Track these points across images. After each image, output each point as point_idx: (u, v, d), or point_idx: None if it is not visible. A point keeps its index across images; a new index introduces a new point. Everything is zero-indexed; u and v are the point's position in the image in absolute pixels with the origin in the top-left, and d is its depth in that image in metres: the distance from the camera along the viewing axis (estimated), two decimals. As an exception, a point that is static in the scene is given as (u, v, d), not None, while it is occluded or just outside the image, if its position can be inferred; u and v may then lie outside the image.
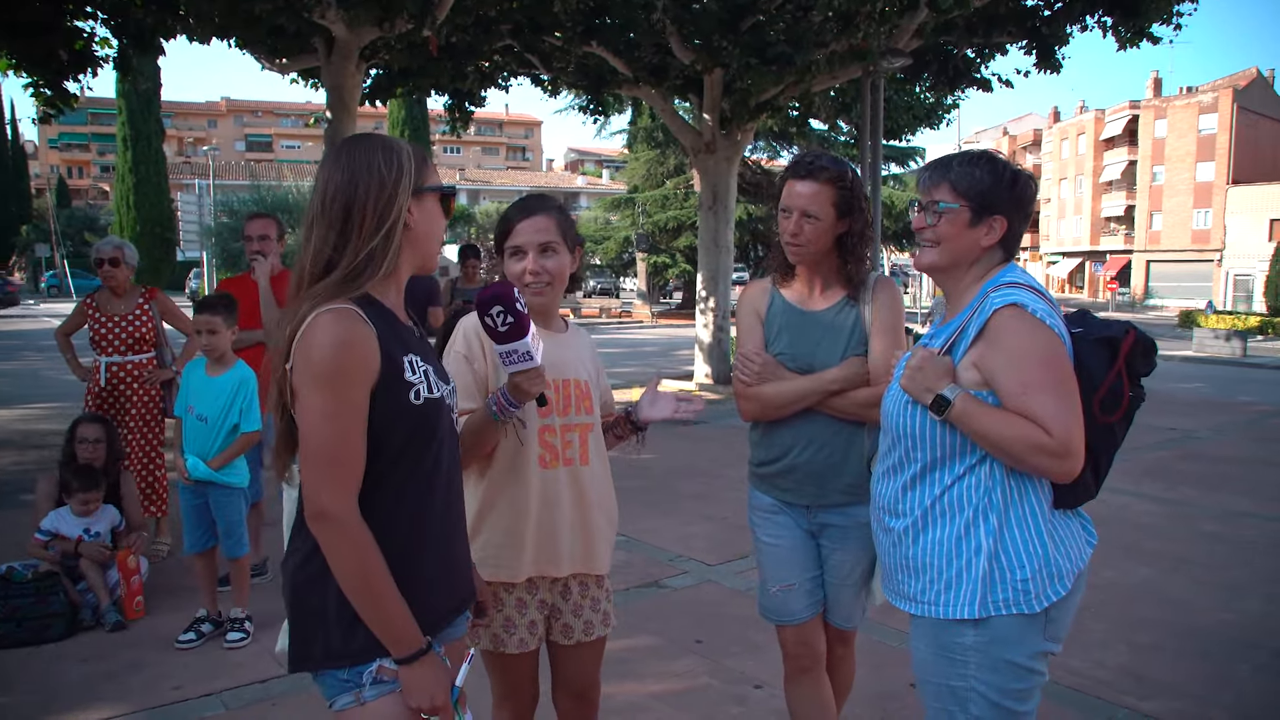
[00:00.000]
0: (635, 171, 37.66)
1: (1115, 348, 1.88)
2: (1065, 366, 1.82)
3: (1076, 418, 1.80)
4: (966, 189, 1.96)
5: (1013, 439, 1.79)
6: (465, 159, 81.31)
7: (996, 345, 1.85)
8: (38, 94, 10.04)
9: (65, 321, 5.31)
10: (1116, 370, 1.87)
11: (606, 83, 13.02)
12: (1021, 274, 1.96)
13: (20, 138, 58.26)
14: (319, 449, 1.54)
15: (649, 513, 6.19)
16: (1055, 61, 12.12)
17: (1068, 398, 1.80)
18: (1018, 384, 1.81)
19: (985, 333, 1.87)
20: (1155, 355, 1.97)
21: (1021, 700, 1.89)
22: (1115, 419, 1.87)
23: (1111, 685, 3.62)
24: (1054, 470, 1.81)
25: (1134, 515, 6.20)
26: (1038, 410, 1.78)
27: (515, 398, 2.00)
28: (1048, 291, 1.95)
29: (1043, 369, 1.80)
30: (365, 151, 1.66)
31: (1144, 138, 50.36)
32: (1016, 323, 1.83)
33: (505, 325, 1.85)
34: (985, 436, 1.83)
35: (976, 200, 1.95)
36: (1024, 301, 1.84)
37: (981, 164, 1.98)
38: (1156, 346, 1.97)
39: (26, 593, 4.03)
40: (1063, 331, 1.85)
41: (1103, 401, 1.86)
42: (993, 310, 1.86)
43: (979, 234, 1.96)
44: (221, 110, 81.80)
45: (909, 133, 16.51)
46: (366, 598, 1.55)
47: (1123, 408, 1.87)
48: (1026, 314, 1.82)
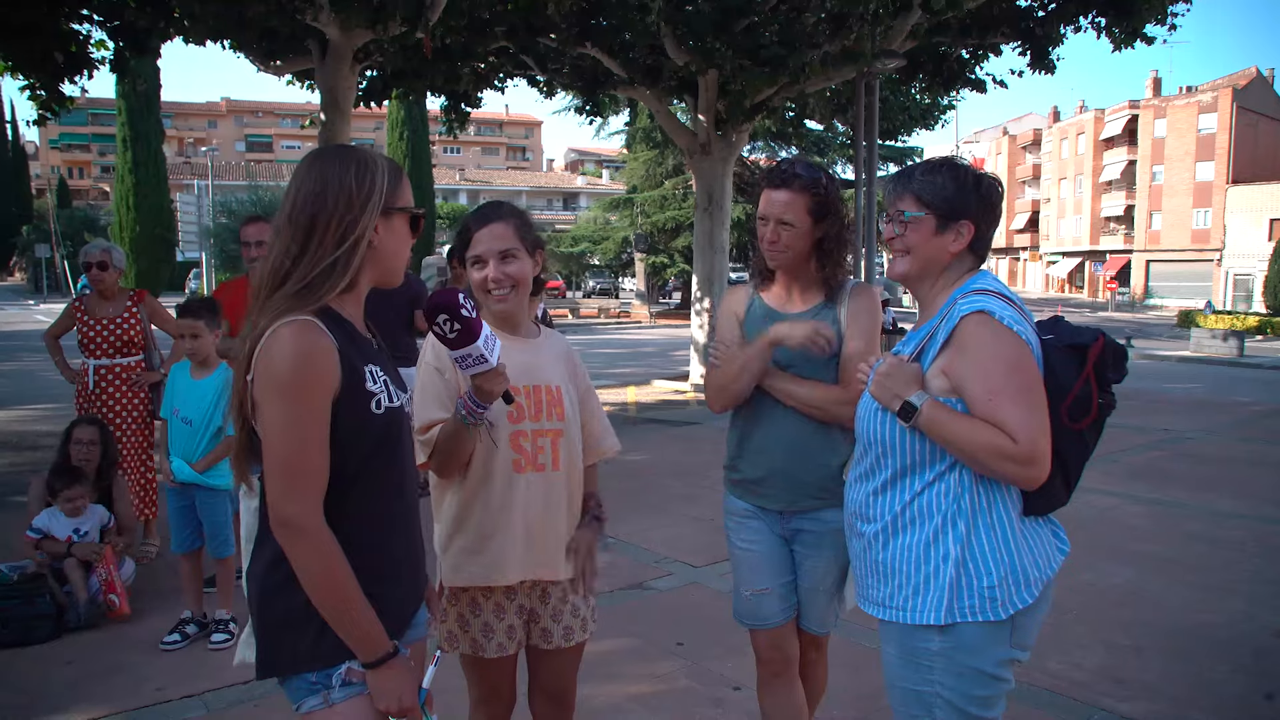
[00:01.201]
0: (634, 172, 37.69)
1: (1084, 354, 1.89)
2: (1031, 373, 1.84)
3: (1042, 424, 1.81)
4: (930, 197, 1.98)
5: (978, 446, 1.81)
6: (465, 159, 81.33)
7: (963, 352, 1.87)
8: (34, 96, 10.08)
9: (54, 324, 5.34)
10: (1085, 376, 1.87)
11: (602, 84, 13.05)
12: (991, 280, 1.97)
13: (21, 138, 58.35)
14: (283, 459, 1.56)
15: (637, 514, 6.21)
16: (1049, 62, 12.15)
17: (1033, 405, 1.81)
18: (984, 391, 1.83)
19: (952, 340, 1.89)
20: (1126, 363, 1.97)
21: (986, 707, 1.90)
22: (1084, 426, 1.88)
23: (1089, 687, 3.64)
24: (1020, 477, 1.82)
25: (1120, 517, 6.22)
26: (1003, 417, 1.79)
27: (479, 399, 2.03)
28: (1017, 298, 1.96)
29: (1008, 376, 1.81)
30: (339, 165, 1.68)
31: (1143, 137, 50.35)
32: (983, 330, 1.85)
33: (454, 332, 1.87)
34: (952, 443, 1.85)
35: (941, 207, 1.97)
36: (990, 309, 1.86)
37: (944, 171, 2.00)
38: (1128, 354, 1.99)
39: (13, 594, 4.06)
40: (1030, 338, 1.87)
41: (1070, 408, 1.87)
42: (960, 317, 1.88)
43: (947, 240, 1.98)
44: (222, 111, 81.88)
45: (905, 133, 16.59)
46: (333, 603, 1.58)
47: (1092, 414, 1.87)
48: (993, 321, 1.84)
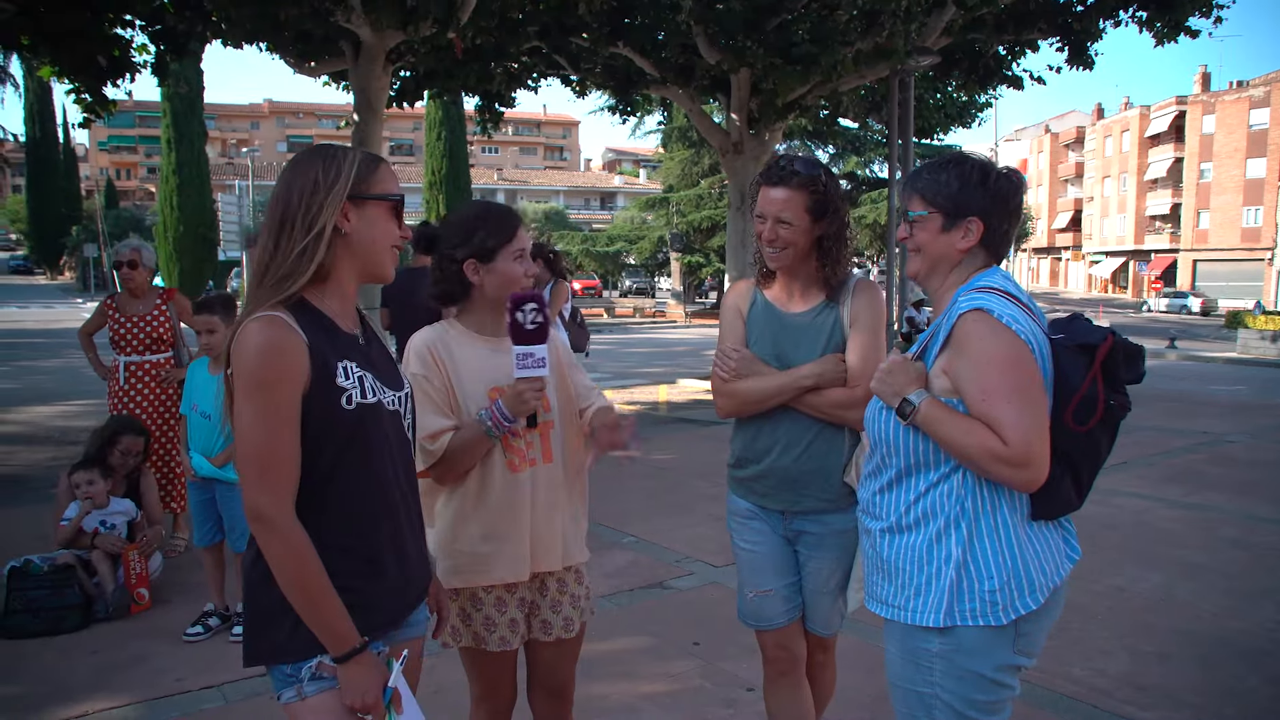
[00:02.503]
0: (670, 171, 37.73)
1: (1093, 354, 1.83)
2: (1028, 373, 1.79)
3: (1037, 427, 1.77)
4: (934, 195, 1.96)
5: (970, 446, 1.78)
6: (503, 159, 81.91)
7: (960, 351, 1.84)
8: (79, 99, 10.35)
9: (87, 321, 5.47)
10: (1091, 376, 1.82)
11: (634, 83, 13.06)
12: (999, 278, 1.93)
13: (72, 141, 59.76)
14: (252, 453, 1.59)
15: (661, 513, 6.20)
16: (1088, 58, 11.96)
17: (1028, 406, 1.77)
18: (979, 390, 1.79)
19: (951, 338, 1.86)
20: (1141, 363, 1.90)
21: (988, 712, 1.87)
22: (1088, 428, 1.82)
23: (1111, 694, 3.57)
24: (1013, 480, 1.78)
25: (1153, 520, 6.09)
26: (996, 417, 1.76)
27: (513, 410, 2.03)
28: (1025, 295, 1.92)
29: (1002, 376, 1.77)
30: (309, 160, 1.71)
31: (1191, 134, 49.32)
32: (980, 328, 1.81)
33: (533, 325, 1.89)
34: (947, 443, 1.82)
35: (946, 205, 1.94)
36: (989, 306, 1.82)
37: (949, 168, 1.97)
38: (1143, 353, 1.91)
39: (43, 584, 4.16)
40: (1032, 337, 1.82)
41: (1076, 409, 1.81)
42: (958, 315, 1.85)
43: (954, 238, 1.95)
44: (264, 112, 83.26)
45: (941, 131, 16.35)
46: (301, 596, 1.60)
47: (1098, 415, 1.81)
48: (990, 319, 1.80)
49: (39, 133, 52.75)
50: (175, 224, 36.97)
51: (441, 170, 39.35)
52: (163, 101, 36.68)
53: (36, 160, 53.51)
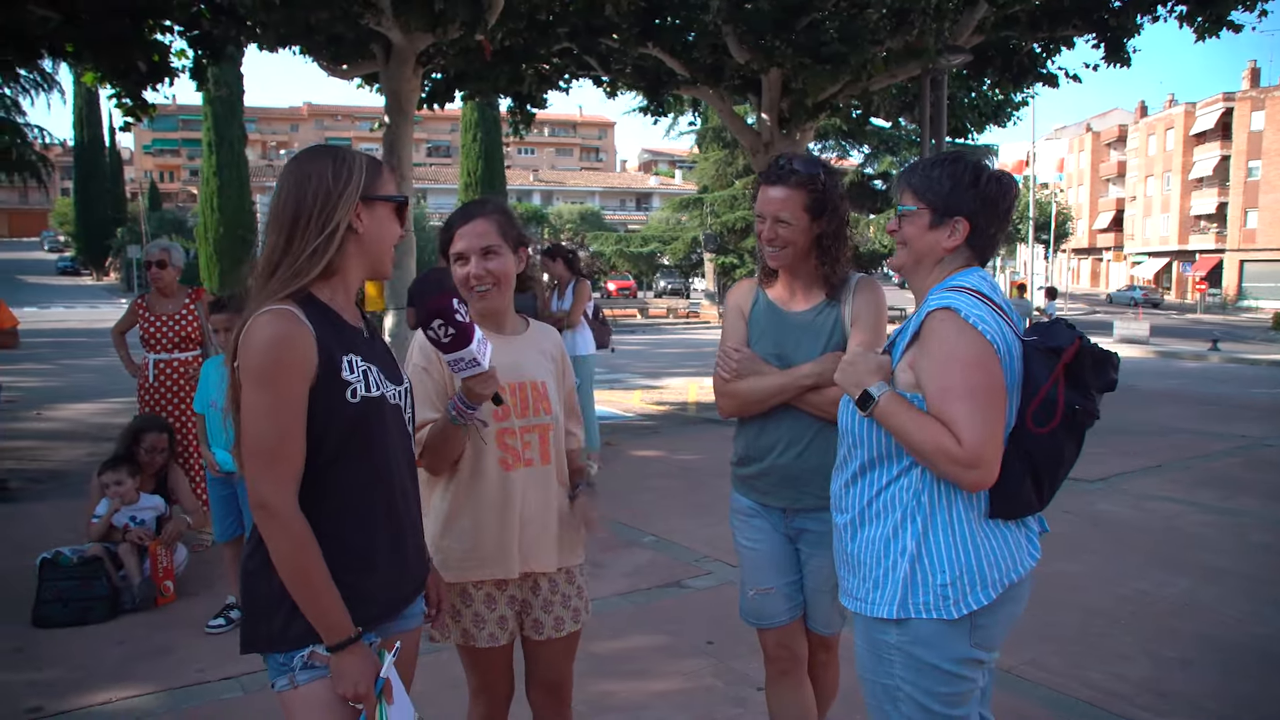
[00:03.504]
0: (705, 171, 37.72)
1: (1059, 357, 1.83)
2: (988, 375, 1.79)
3: (991, 429, 1.77)
4: (925, 192, 1.97)
5: (924, 442, 1.79)
6: (539, 160, 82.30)
7: (925, 348, 1.85)
8: (120, 104, 10.62)
9: (119, 320, 5.61)
10: (1053, 379, 1.81)
11: (664, 84, 13.06)
12: (974, 279, 1.93)
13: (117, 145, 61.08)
14: (257, 443, 1.63)
15: (683, 513, 6.21)
16: (1125, 55, 11.75)
17: (985, 408, 1.77)
18: (938, 388, 1.81)
19: (919, 335, 1.88)
20: (1112, 369, 1.90)
21: (950, 705, 1.88)
22: (1048, 430, 1.81)
23: (1128, 699, 3.51)
24: (962, 479, 1.79)
25: (1184, 525, 5.98)
26: (952, 416, 1.77)
27: (469, 400, 2.06)
28: (999, 296, 1.92)
29: (963, 375, 1.78)
30: (318, 160, 1.75)
31: (1239, 131, 48.24)
32: (945, 326, 1.82)
33: (448, 336, 1.90)
34: (902, 437, 1.84)
35: (936, 202, 1.95)
36: (957, 305, 1.83)
37: (943, 166, 1.98)
38: (1115, 360, 1.91)
39: (72, 576, 4.27)
40: (998, 339, 1.81)
41: (1035, 412, 1.82)
42: (926, 313, 1.86)
43: (940, 236, 1.96)
44: (303, 115, 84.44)
45: (976, 131, 16.14)
46: (300, 585, 1.63)
47: (1056, 420, 1.80)
48: (956, 318, 1.81)
49: (86, 138, 54.04)
50: (215, 225, 37.62)
51: (477, 171, 39.68)
52: (204, 105, 37.41)
53: (84, 164, 54.86)
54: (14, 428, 9.38)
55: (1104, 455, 8.02)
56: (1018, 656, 3.78)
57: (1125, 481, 7.19)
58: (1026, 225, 38.46)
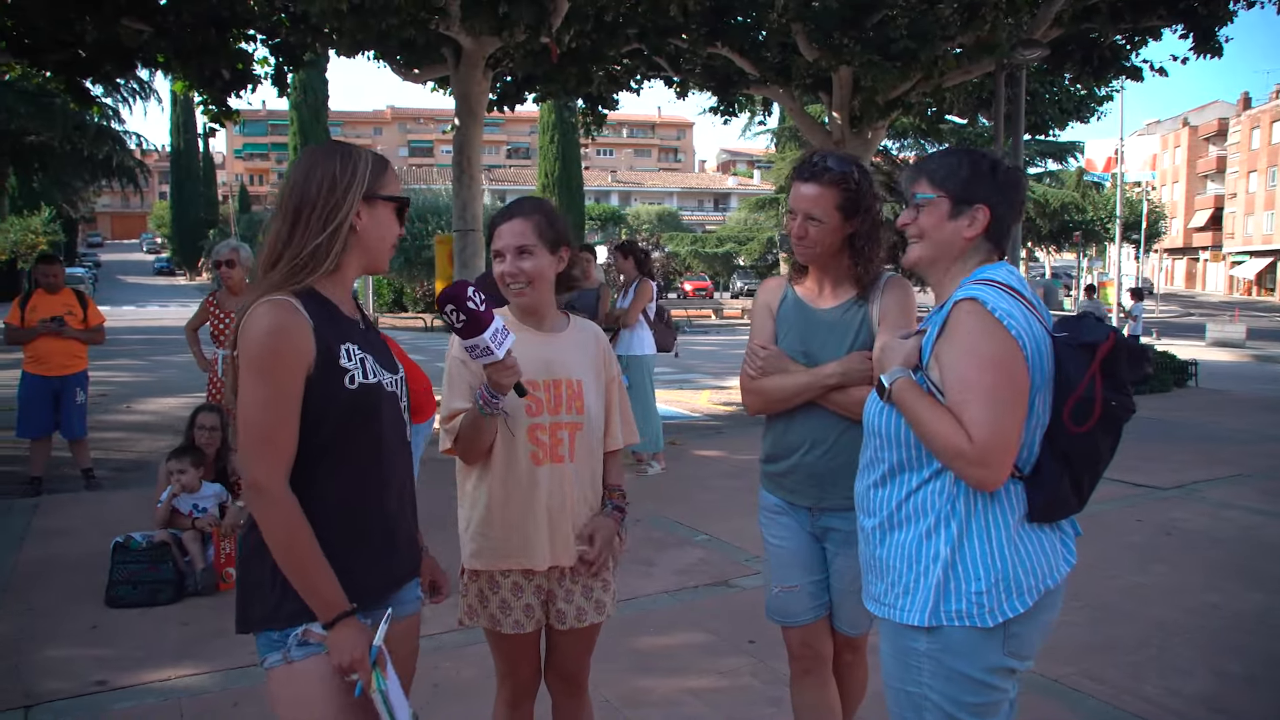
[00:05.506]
0: (781, 171, 37.43)
1: (1093, 353, 1.77)
2: (1009, 372, 1.74)
3: (1005, 428, 1.72)
4: (943, 179, 1.93)
5: (935, 436, 1.76)
6: (618, 161, 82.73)
7: (949, 339, 1.81)
8: (206, 110, 11.10)
9: (192, 317, 5.85)
10: (1090, 375, 1.76)
11: (734, 83, 13.01)
12: (1003, 272, 1.88)
13: (211, 149, 63.77)
14: (253, 427, 1.70)
15: (738, 513, 6.16)
16: (1216, 44, 11.21)
17: (1001, 405, 1.72)
18: (957, 382, 1.76)
19: (945, 326, 1.83)
20: (1146, 363, 1.84)
21: (978, 714, 1.82)
22: (1086, 428, 1.76)
23: (1183, 714, 3.37)
24: (971, 478, 1.75)
25: (1263, 536, 5.71)
26: (967, 413, 1.72)
27: (494, 390, 2.10)
28: (1029, 292, 1.87)
29: (981, 371, 1.73)
30: (325, 156, 1.81)
31: (1349, 124, 45.71)
32: (969, 319, 1.78)
33: (460, 322, 1.95)
34: (915, 425, 1.81)
35: (955, 190, 1.91)
36: (983, 298, 1.78)
37: (960, 154, 1.96)
38: (1148, 354, 1.85)
39: (141, 559, 4.48)
40: (1024, 335, 1.76)
41: (1073, 410, 1.76)
42: (952, 304, 1.82)
43: (961, 225, 1.91)
44: (386, 118, 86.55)
45: (1057, 127, 15.68)
46: (293, 564, 1.70)
47: (1095, 417, 1.75)
48: (982, 311, 1.77)
49: (182, 144, 56.74)
50: (301, 227, 38.79)
51: (554, 173, 40.11)
52: (290, 110, 38.65)
53: (180, 169, 57.73)
54: (104, 420, 9.85)
55: (1184, 463, 7.71)
56: (1071, 666, 3.67)
57: (1205, 489, 6.89)
58: (1114, 224, 37.08)
